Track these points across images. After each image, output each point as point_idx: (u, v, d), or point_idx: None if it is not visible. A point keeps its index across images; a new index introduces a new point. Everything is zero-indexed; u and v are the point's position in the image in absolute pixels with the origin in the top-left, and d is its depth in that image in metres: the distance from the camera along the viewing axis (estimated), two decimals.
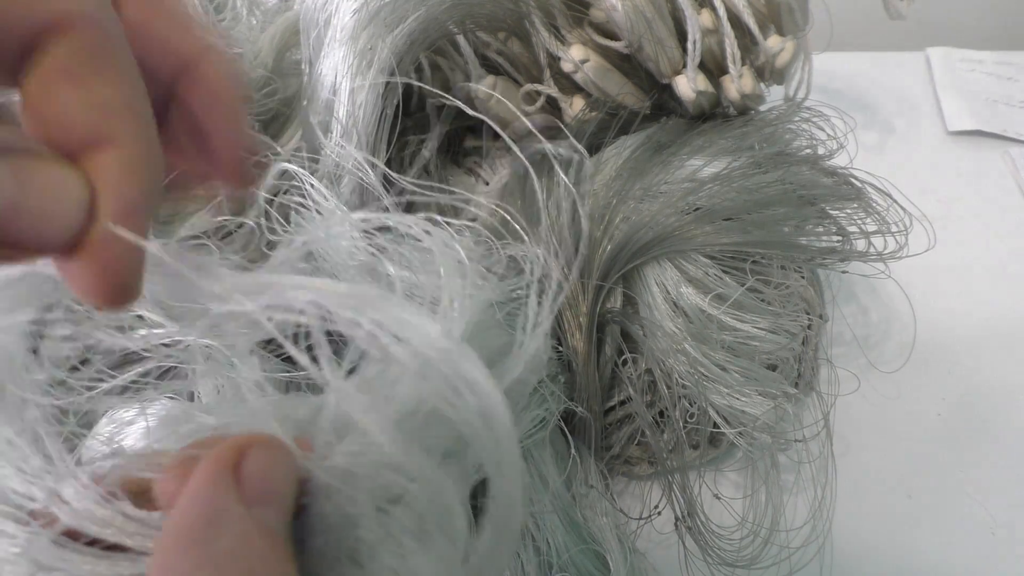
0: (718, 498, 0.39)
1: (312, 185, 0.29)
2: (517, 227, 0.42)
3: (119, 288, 0.15)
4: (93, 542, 0.17)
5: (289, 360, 0.25)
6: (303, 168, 0.29)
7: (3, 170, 0.13)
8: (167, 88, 0.18)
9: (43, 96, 0.14)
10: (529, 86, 0.48)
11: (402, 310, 0.16)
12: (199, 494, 0.15)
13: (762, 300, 0.41)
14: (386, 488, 0.16)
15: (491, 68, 0.48)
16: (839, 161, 0.47)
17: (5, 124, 0.14)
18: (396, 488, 0.16)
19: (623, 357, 0.40)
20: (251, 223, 0.36)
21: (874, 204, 0.45)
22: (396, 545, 0.16)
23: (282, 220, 0.30)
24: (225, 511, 0.14)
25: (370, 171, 0.37)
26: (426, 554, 0.16)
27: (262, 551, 0.14)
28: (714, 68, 0.48)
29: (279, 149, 0.44)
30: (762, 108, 0.50)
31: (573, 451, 0.37)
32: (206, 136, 0.18)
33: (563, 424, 0.39)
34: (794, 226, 0.43)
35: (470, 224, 0.29)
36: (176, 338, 0.23)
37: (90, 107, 0.14)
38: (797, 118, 0.49)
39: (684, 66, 0.46)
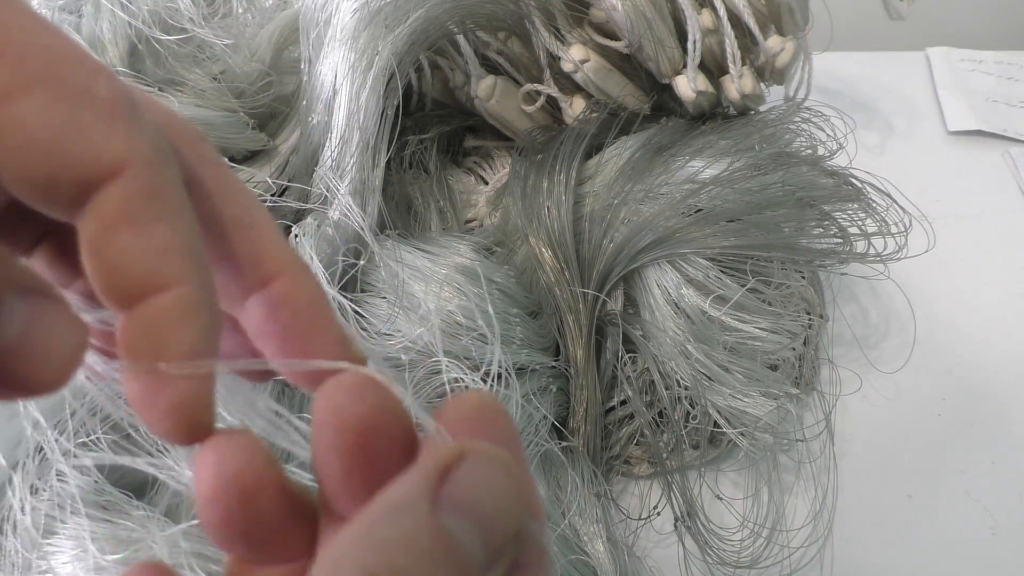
0: (719, 498, 0.39)
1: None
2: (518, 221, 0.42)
3: (193, 426, 0.15)
4: None
5: None
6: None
7: (20, 305, 0.14)
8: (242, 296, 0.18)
9: (103, 240, 0.14)
10: (529, 86, 0.48)
11: None
12: (401, 481, 0.14)
13: (763, 300, 0.41)
14: None
15: (491, 68, 0.48)
16: (839, 161, 0.47)
17: (25, 265, 0.14)
18: None
19: (623, 358, 0.40)
20: None
21: (874, 204, 0.45)
22: None
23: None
24: (411, 501, 0.13)
25: (357, 212, 0.37)
26: None
27: (431, 554, 0.13)
28: (714, 68, 0.48)
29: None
30: (762, 108, 0.50)
31: (566, 460, 0.37)
32: (303, 345, 0.17)
33: (560, 428, 0.39)
34: (794, 228, 0.43)
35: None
36: None
37: (149, 251, 0.15)
38: (797, 118, 0.49)
39: (684, 66, 0.46)
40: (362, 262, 0.37)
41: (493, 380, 0.34)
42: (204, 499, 0.15)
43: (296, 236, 0.36)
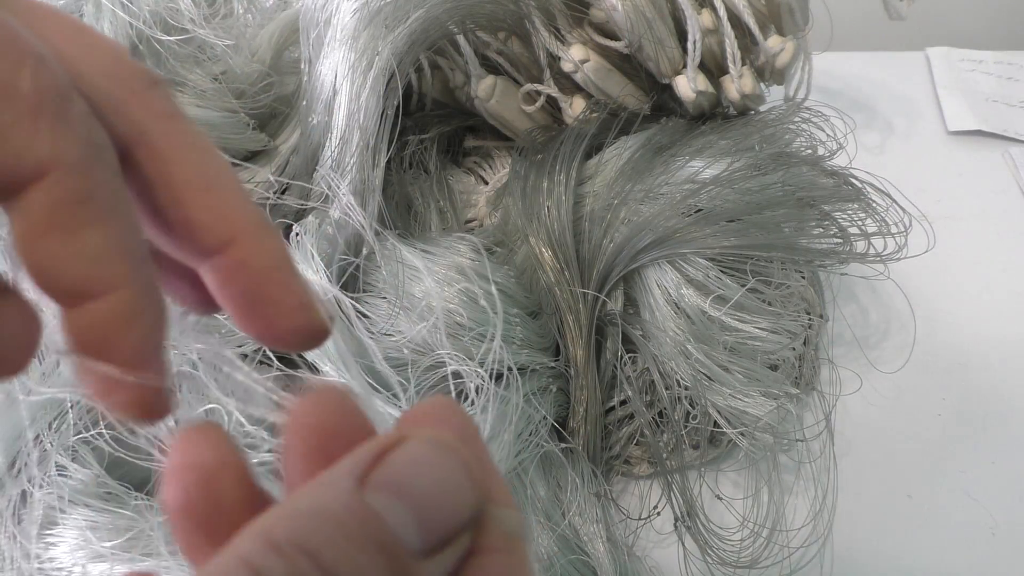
0: (719, 498, 0.39)
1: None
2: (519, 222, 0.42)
3: (151, 413, 0.15)
4: None
5: None
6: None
7: None
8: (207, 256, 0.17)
9: (32, 245, 0.14)
10: (529, 86, 0.48)
11: None
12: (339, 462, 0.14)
13: (763, 300, 0.41)
14: None
15: (491, 68, 0.48)
16: (839, 161, 0.47)
17: None
18: None
19: (623, 358, 0.40)
20: None
21: (874, 204, 0.45)
22: None
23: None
24: (338, 477, 0.13)
25: (359, 210, 0.37)
26: None
27: (346, 528, 0.12)
28: (714, 68, 0.48)
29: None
30: (762, 108, 0.50)
31: (566, 460, 0.37)
32: (265, 309, 0.17)
33: (560, 429, 0.39)
34: (794, 228, 0.43)
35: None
36: None
37: (80, 259, 0.14)
38: (797, 118, 0.49)
39: (684, 66, 0.46)
40: (357, 260, 0.37)
41: (492, 375, 0.34)
42: (167, 483, 0.15)
43: (297, 234, 0.36)
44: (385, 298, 0.37)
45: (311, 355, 0.33)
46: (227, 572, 0.12)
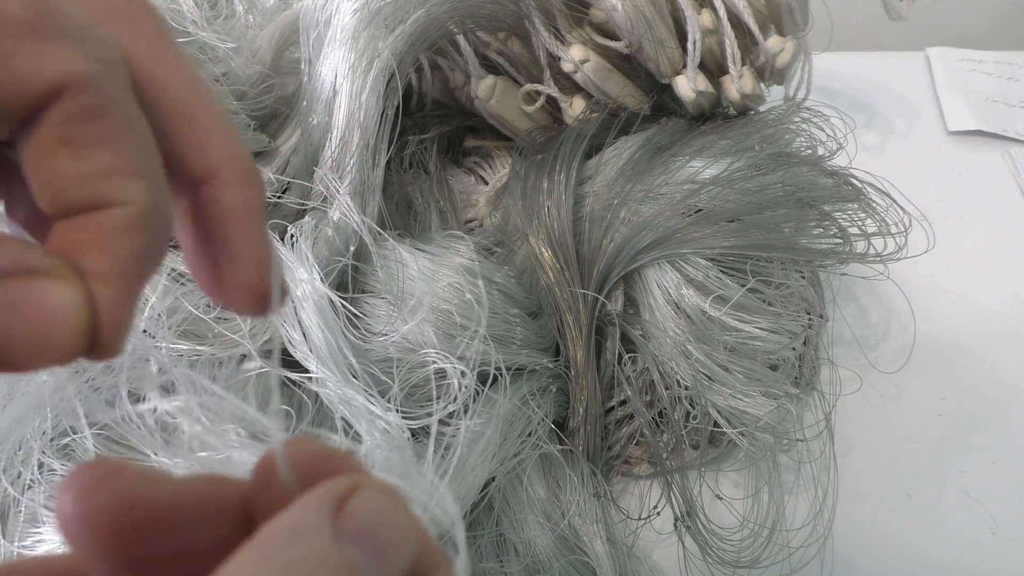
0: (719, 498, 0.39)
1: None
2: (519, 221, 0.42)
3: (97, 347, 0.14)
4: None
5: None
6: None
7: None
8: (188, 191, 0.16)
9: (42, 165, 0.14)
10: (529, 86, 0.48)
11: None
12: (297, 507, 0.13)
13: (763, 300, 0.41)
14: None
15: (491, 68, 0.48)
16: (839, 161, 0.47)
17: (4, 243, 0.13)
18: None
19: (623, 359, 0.40)
20: None
21: (874, 204, 0.45)
22: None
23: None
24: (312, 526, 0.13)
25: (355, 212, 0.37)
26: None
27: None
28: (714, 68, 0.48)
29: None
30: (762, 108, 0.50)
31: (564, 461, 0.37)
32: (221, 256, 0.16)
33: (558, 431, 0.39)
34: (794, 228, 0.43)
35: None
36: None
37: (91, 175, 0.14)
38: (797, 118, 0.49)
39: (684, 66, 0.46)
40: (350, 259, 0.37)
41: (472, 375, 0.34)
42: (68, 542, 0.13)
43: (293, 236, 0.36)
44: (385, 298, 0.37)
45: (299, 355, 0.33)
46: None
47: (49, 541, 0.29)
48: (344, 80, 0.39)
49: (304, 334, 0.33)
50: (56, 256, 0.14)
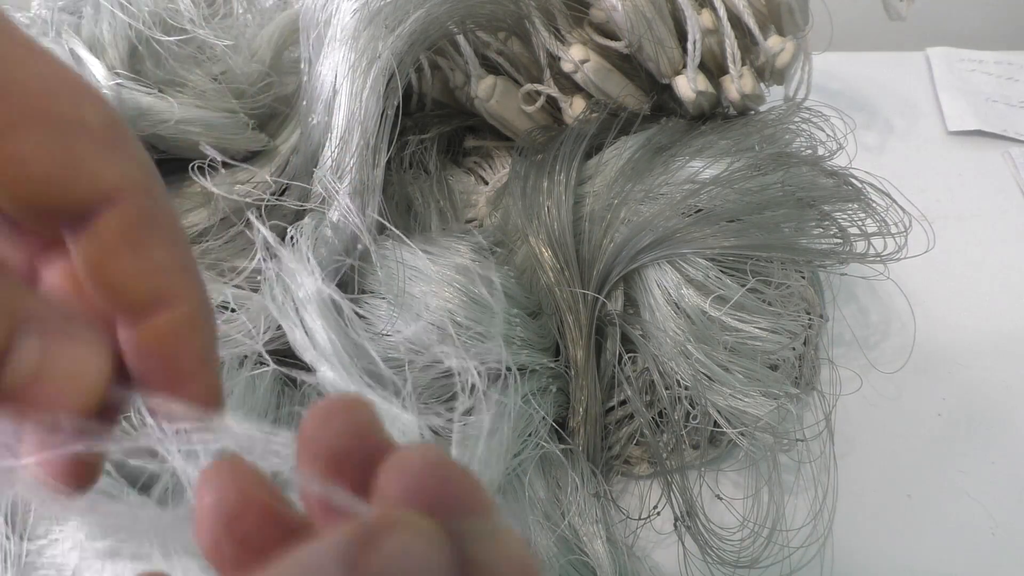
0: (719, 498, 0.39)
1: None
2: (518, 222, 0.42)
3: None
4: None
5: None
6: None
7: (31, 344, 0.14)
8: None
9: (103, 263, 0.15)
10: (529, 86, 0.48)
11: None
12: (316, 543, 0.13)
13: (763, 300, 0.41)
14: None
15: (491, 68, 0.48)
16: (839, 161, 0.47)
17: (38, 296, 0.15)
18: None
19: (623, 359, 0.40)
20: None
21: (874, 205, 0.45)
22: None
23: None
24: (320, 565, 0.13)
25: (355, 212, 0.37)
26: None
27: None
28: (714, 68, 0.48)
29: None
30: (762, 108, 0.50)
31: (565, 461, 0.37)
32: (169, 378, 0.16)
33: (559, 431, 0.39)
34: (794, 228, 0.43)
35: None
36: None
37: (149, 272, 0.15)
38: (797, 118, 0.49)
39: (684, 66, 0.46)
40: (351, 260, 0.37)
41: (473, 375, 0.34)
42: (196, 523, 0.15)
43: (292, 237, 0.36)
44: (385, 298, 0.37)
45: (310, 356, 0.33)
46: None
47: (60, 539, 0.29)
48: (344, 80, 0.39)
49: (309, 334, 0.33)
50: (92, 327, 0.15)
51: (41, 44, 0.15)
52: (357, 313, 0.35)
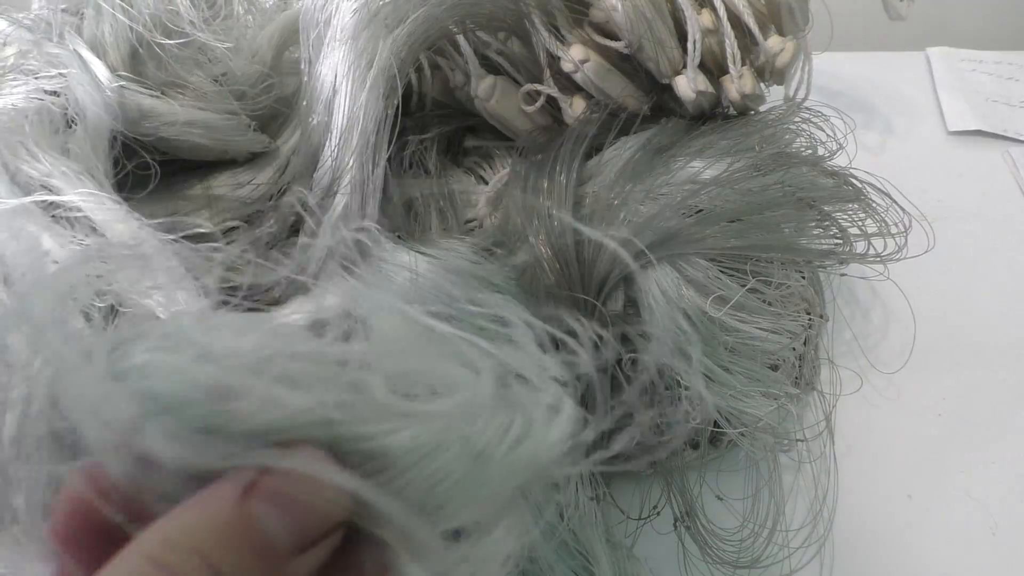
0: (719, 498, 0.39)
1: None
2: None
3: None
4: None
5: None
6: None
7: None
8: None
9: None
10: (529, 86, 0.48)
11: None
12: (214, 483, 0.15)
13: (763, 301, 0.41)
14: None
15: (491, 68, 0.48)
16: (839, 161, 0.47)
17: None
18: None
19: (623, 359, 0.40)
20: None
21: (874, 205, 0.45)
22: None
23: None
24: (218, 490, 0.15)
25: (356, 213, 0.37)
26: None
27: (234, 539, 0.14)
28: (714, 68, 0.48)
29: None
30: (762, 108, 0.50)
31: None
32: None
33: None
34: (794, 228, 0.43)
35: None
36: None
37: None
38: (797, 118, 0.49)
39: (684, 66, 0.46)
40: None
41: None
42: (52, 514, 0.16)
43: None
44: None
45: None
46: (132, 566, 0.14)
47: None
48: (344, 80, 0.39)
49: None
50: None
51: None
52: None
